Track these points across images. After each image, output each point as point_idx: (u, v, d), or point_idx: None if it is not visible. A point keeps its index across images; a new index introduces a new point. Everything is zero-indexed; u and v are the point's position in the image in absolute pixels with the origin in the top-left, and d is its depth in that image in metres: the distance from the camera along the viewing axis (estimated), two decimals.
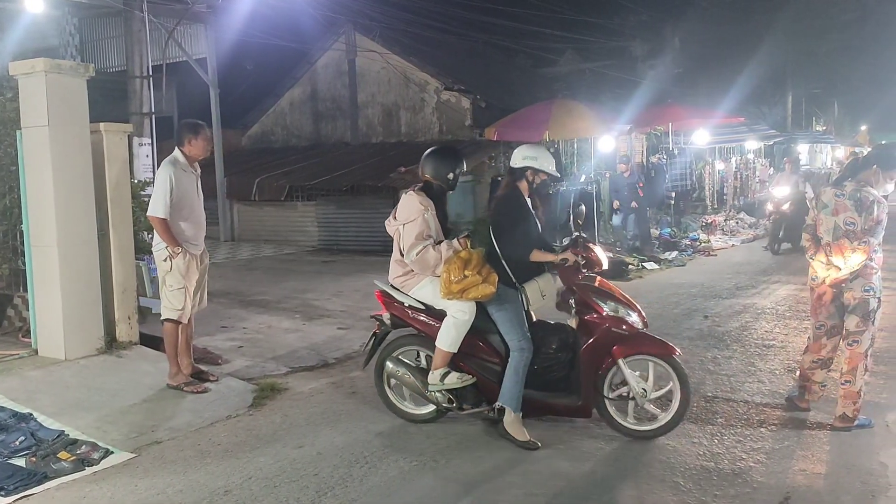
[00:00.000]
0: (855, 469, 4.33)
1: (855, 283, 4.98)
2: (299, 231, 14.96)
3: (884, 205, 4.93)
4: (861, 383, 4.96)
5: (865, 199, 4.96)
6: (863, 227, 4.93)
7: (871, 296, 4.94)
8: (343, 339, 7.59)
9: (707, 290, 10.43)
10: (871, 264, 4.94)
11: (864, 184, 5.03)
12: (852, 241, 4.96)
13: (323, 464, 4.52)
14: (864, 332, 4.97)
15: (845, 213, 5.04)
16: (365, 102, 17.75)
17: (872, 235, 4.90)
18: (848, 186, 5.09)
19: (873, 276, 4.94)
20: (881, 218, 4.91)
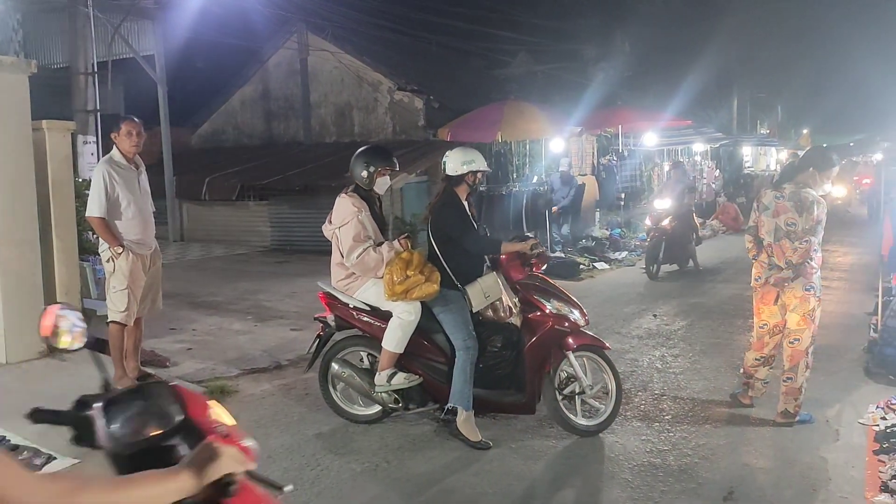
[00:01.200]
0: (796, 463, 4.46)
1: (796, 283, 5.12)
2: (251, 231, 14.78)
3: (823, 205, 5.08)
4: (802, 380, 5.10)
5: (805, 199, 5.10)
6: (803, 227, 5.06)
7: (811, 295, 5.08)
8: (296, 341, 7.52)
9: (656, 290, 10.62)
10: (812, 264, 5.09)
11: (803, 185, 5.17)
12: (793, 242, 5.10)
13: (273, 467, 4.48)
14: (805, 330, 5.11)
15: (785, 214, 5.18)
16: (317, 102, 17.60)
17: (813, 235, 5.05)
18: (787, 188, 5.23)
19: (814, 276, 5.09)
20: (821, 218, 5.05)
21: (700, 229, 12.91)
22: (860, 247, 14.28)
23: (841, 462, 4.44)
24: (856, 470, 4.31)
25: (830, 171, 5.17)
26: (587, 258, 13.07)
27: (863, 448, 4.64)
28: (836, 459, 4.48)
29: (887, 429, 4.73)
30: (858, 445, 4.70)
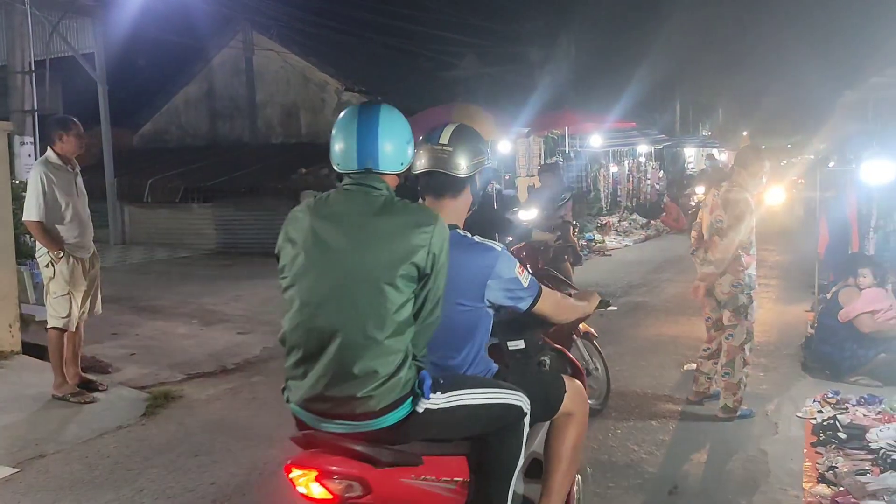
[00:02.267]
0: (737, 457, 4.57)
1: (724, 280, 5.25)
2: (195, 234, 14.53)
3: (746, 203, 5.17)
4: (741, 376, 5.22)
5: (731, 197, 5.25)
6: (728, 225, 5.21)
7: (738, 291, 5.20)
8: (242, 345, 7.43)
9: (602, 289, 10.74)
10: (741, 261, 5.21)
11: (736, 184, 5.32)
12: (721, 238, 5.24)
13: (220, 472, 4.42)
14: (737, 326, 5.24)
15: (716, 210, 5.34)
16: (263, 102, 17.42)
17: (735, 232, 5.18)
18: (723, 187, 5.39)
19: (741, 273, 5.20)
20: (743, 216, 5.15)
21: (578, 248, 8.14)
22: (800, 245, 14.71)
23: (780, 454, 4.56)
24: (794, 462, 4.44)
25: (758, 169, 5.29)
26: None
27: (801, 441, 4.77)
28: (775, 452, 4.59)
29: (824, 422, 4.88)
30: (796, 438, 4.83)
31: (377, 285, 2.26)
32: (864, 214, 6.71)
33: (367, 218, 2.32)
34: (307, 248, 2.33)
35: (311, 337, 2.29)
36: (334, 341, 2.25)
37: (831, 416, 4.94)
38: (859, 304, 5.93)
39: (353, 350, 2.24)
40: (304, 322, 2.30)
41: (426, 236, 2.30)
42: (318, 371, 2.27)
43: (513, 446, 2.53)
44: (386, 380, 2.25)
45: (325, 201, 2.41)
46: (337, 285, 2.27)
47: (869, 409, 5.16)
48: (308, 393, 2.30)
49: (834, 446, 4.52)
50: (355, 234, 2.30)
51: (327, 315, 2.26)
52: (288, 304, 2.35)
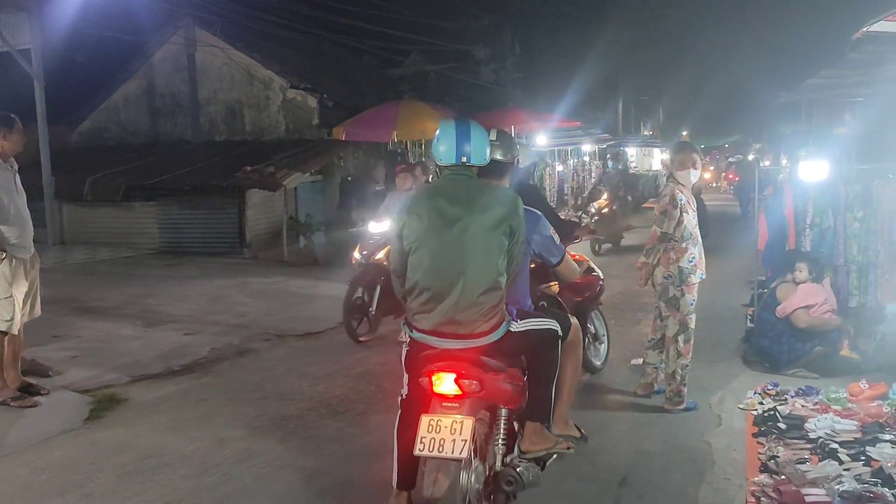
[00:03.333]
0: (683, 448, 4.70)
1: (657, 271, 5.43)
2: (139, 233, 14.20)
3: (672, 196, 5.32)
4: (675, 367, 5.37)
5: (665, 191, 5.46)
6: (656, 217, 5.41)
7: (669, 283, 5.37)
8: (190, 346, 7.33)
9: None
10: (669, 254, 5.36)
11: (674, 179, 5.49)
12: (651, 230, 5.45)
13: (171, 475, 4.36)
14: (669, 317, 5.41)
15: (657, 204, 5.55)
16: (206, 99, 17.11)
17: (657, 224, 5.35)
18: (667, 181, 5.57)
19: (671, 266, 5.36)
20: (665, 209, 5.34)
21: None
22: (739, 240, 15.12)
23: (723, 446, 4.71)
24: (737, 452, 4.59)
25: (685, 161, 5.44)
26: None
27: (743, 432, 4.94)
28: (718, 443, 4.74)
29: (764, 413, 5.05)
30: (739, 429, 4.99)
31: (487, 242, 3.28)
32: (801, 212, 6.94)
33: (473, 195, 3.34)
34: (431, 218, 3.32)
35: (440, 280, 3.27)
36: (459, 283, 3.24)
37: (771, 408, 5.12)
38: (796, 300, 6.15)
39: (473, 288, 3.25)
40: (434, 270, 3.29)
41: (513, 206, 3.34)
42: (448, 304, 3.25)
43: (553, 358, 3.60)
44: (493, 309, 3.30)
45: (437, 186, 3.54)
46: (458, 243, 3.27)
47: (807, 400, 5.37)
48: (439, 320, 3.27)
49: (774, 436, 4.69)
50: (466, 206, 3.31)
51: (453, 264, 3.26)
52: (417, 260, 3.33)
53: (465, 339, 3.29)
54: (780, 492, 3.73)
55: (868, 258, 6.63)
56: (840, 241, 6.74)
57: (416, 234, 3.33)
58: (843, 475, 3.98)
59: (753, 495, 3.89)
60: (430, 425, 3.14)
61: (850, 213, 6.68)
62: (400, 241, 3.41)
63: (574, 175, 20.61)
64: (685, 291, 5.37)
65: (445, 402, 3.23)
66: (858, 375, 5.97)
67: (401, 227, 3.40)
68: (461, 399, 3.22)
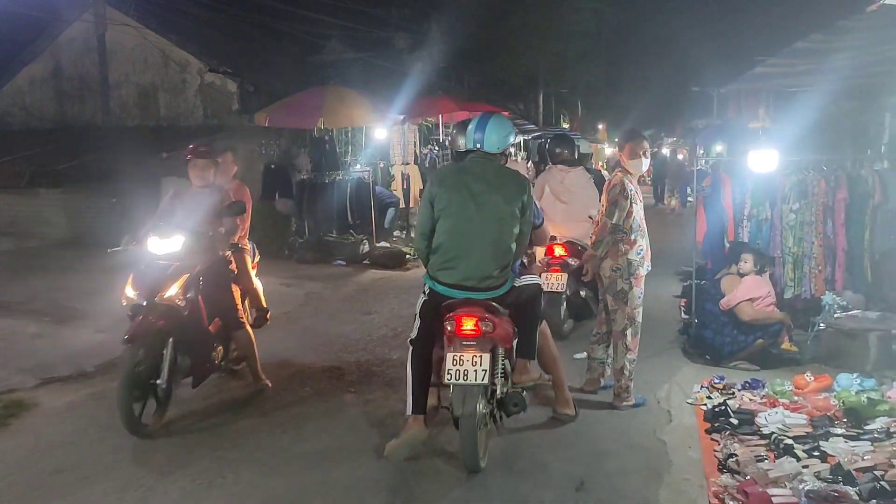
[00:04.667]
0: (638, 448, 4.55)
1: (605, 264, 5.28)
2: (44, 222, 13.29)
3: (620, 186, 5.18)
4: (623, 362, 5.24)
5: (614, 181, 5.29)
6: (604, 208, 5.27)
7: (618, 276, 5.23)
8: (103, 345, 6.78)
9: None
10: (621, 246, 5.21)
11: (619, 168, 5.35)
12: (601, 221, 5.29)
13: (89, 490, 3.95)
14: (617, 311, 5.26)
15: (603, 195, 5.40)
16: (118, 82, 16.17)
17: (607, 215, 5.18)
18: (615, 171, 5.42)
19: (620, 258, 5.21)
20: (615, 199, 5.17)
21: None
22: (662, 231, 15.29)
23: (678, 443, 4.58)
24: (693, 450, 4.47)
25: (635, 149, 5.29)
26: (412, 247, 13.01)
27: (695, 428, 4.83)
28: (673, 441, 4.61)
29: (715, 408, 4.96)
30: (690, 425, 4.89)
31: (503, 214, 4.14)
32: (739, 203, 6.93)
33: (492, 175, 4.18)
34: (459, 192, 4.14)
35: (463, 244, 4.10)
36: (478, 247, 4.09)
37: (721, 403, 5.03)
38: (740, 292, 6.11)
39: (490, 252, 4.11)
40: (459, 235, 4.11)
41: (524, 186, 4.23)
42: (469, 264, 4.10)
43: (538, 307, 4.57)
44: (505, 268, 4.20)
45: (465, 165, 4.29)
46: (479, 214, 4.10)
47: (754, 393, 5.32)
48: (461, 277, 4.11)
49: (728, 432, 4.59)
50: (487, 183, 4.15)
51: (474, 232, 4.09)
52: (444, 225, 4.13)
53: (482, 291, 4.16)
54: (747, 493, 3.60)
55: (803, 250, 6.66)
56: (776, 233, 6.76)
57: (445, 203, 4.17)
58: (803, 472, 3.90)
59: (716, 496, 3.76)
60: (455, 360, 4.01)
61: (786, 205, 6.69)
62: (430, 208, 4.23)
63: None
64: (633, 284, 5.23)
65: (466, 340, 4.04)
66: (797, 367, 6.00)
67: (433, 196, 4.22)
68: (478, 338, 4.03)
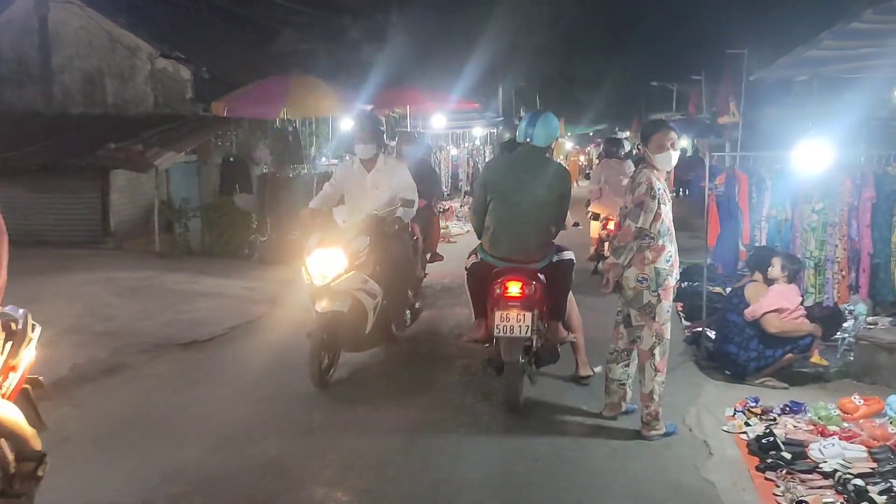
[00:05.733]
0: (685, 492, 3.90)
1: (629, 272, 4.63)
2: None
3: (647, 185, 4.54)
4: (652, 385, 4.60)
5: (636, 179, 4.67)
6: (628, 209, 4.62)
7: (644, 287, 4.58)
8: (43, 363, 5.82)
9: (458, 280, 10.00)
10: (647, 254, 4.58)
11: (645, 164, 4.70)
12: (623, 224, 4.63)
13: None
14: (644, 327, 4.63)
15: (627, 195, 4.75)
16: (61, 67, 15.04)
17: (632, 218, 4.55)
18: (640, 167, 4.77)
19: (647, 267, 4.57)
20: (640, 199, 4.54)
21: None
22: None
23: (727, 484, 3.95)
24: (747, 494, 3.84)
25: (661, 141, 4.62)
26: None
27: (740, 462, 4.21)
28: (721, 481, 3.97)
29: (761, 439, 4.33)
30: (735, 460, 4.26)
31: (544, 200, 4.95)
32: (756, 203, 6.35)
33: (537, 165, 4.97)
34: (507, 178, 4.99)
35: (510, 225, 4.96)
36: (523, 226, 4.94)
37: (767, 432, 4.41)
38: (767, 302, 5.50)
39: (535, 228, 4.97)
40: (506, 218, 4.96)
41: (562, 177, 5.08)
42: (515, 240, 4.97)
43: (570, 278, 5.24)
44: (544, 246, 5.06)
45: (514, 157, 5.09)
46: (523, 200, 4.91)
47: (797, 418, 4.73)
48: (507, 251, 4.98)
49: (783, 470, 3.98)
50: (533, 172, 4.95)
51: (519, 215, 4.92)
52: (494, 208, 4.98)
53: (526, 263, 4.99)
54: None
55: (825, 253, 6.10)
56: (797, 235, 6.19)
57: (496, 189, 5.02)
58: None
59: None
60: (502, 317, 4.76)
61: (807, 205, 6.12)
62: (484, 192, 5.11)
63: (469, 160, 19.74)
64: (662, 297, 4.59)
65: (512, 302, 4.78)
66: (827, 385, 5.45)
67: (486, 182, 5.14)
68: (522, 300, 4.79)
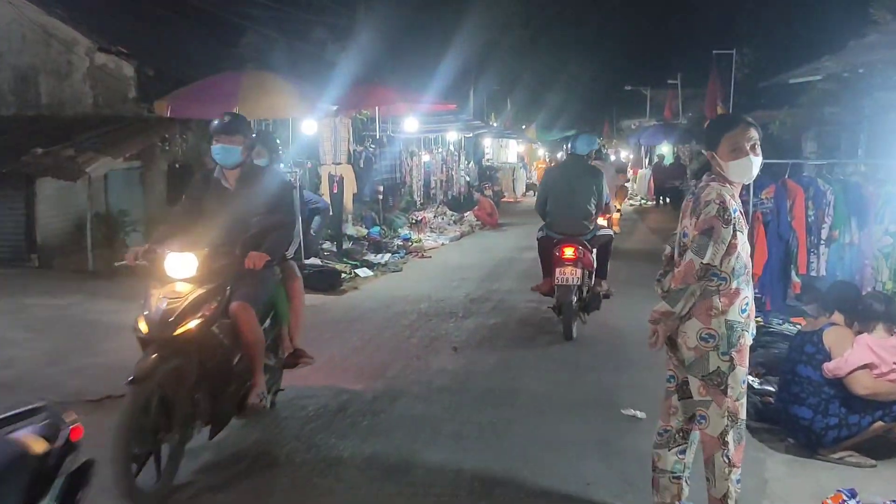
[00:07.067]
0: None
1: (688, 326, 3.35)
2: None
3: (719, 205, 3.25)
4: (726, 486, 3.33)
5: (701, 195, 3.37)
6: (691, 239, 3.34)
7: (710, 348, 3.30)
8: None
9: (438, 306, 8.69)
10: (713, 300, 3.31)
11: (712, 175, 3.43)
12: (682, 258, 3.35)
13: None
14: (710, 403, 3.34)
15: (686, 217, 3.45)
16: None
17: (695, 251, 3.26)
18: (703, 180, 3.47)
19: (715, 319, 3.30)
20: (709, 225, 3.24)
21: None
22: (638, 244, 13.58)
23: None
24: None
25: (738, 142, 3.32)
26: (347, 264, 10.88)
27: None
28: None
29: None
30: None
31: (589, 192, 7.18)
32: (813, 223, 5.12)
33: (581, 168, 7.34)
34: (558, 180, 7.39)
35: (563, 211, 7.16)
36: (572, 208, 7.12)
37: None
38: (857, 355, 4.22)
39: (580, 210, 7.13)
40: (560, 207, 7.18)
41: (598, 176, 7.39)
42: (568, 219, 7.13)
43: (610, 247, 7.63)
44: (588, 223, 7.20)
45: (565, 162, 8.07)
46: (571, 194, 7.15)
47: None
48: (562, 228, 7.11)
49: None
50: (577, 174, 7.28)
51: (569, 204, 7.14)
52: (552, 200, 7.26)
53: (576, 236, 7.08)
54: None
55: None
56: (866, 263, 4.97)
57: (553, 186, 7.37)
58: None
59: None
60: (561, 272, 6.83)
61: (879, 225, 4.90)
62: (545, 189, 7.49)
63: (443, 167, 18.36)
64: (736, 361, 3.31)
65: (567, 261, 6.86)
66: None
67: (546, 182, 7.66)
68: (574, 260, 6.86)
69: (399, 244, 13.01)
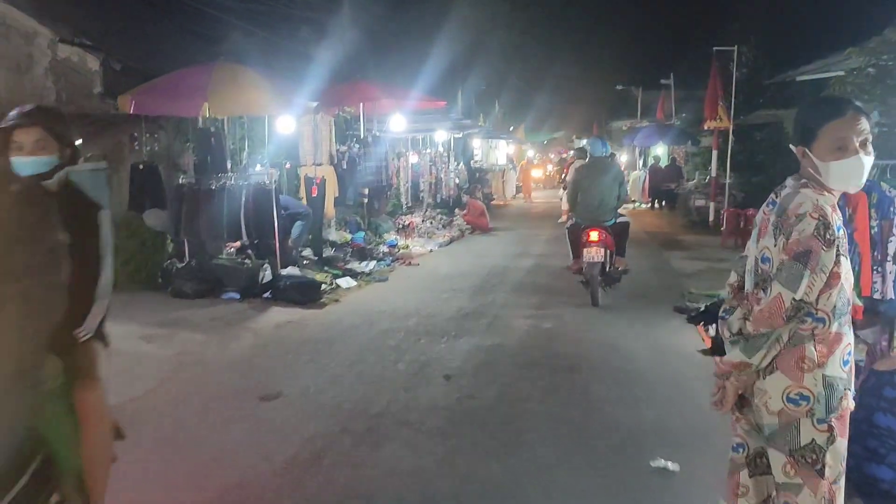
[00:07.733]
0: None
1: (770, 383, 2.52)
2: None
3: (818, 226, 2.41)
4: None
5: (789, 207, 2.51)
6: (778, 266, 2.49)
7: (803, 413, 2.49)
8: None
9: (428, 322, 7.84)
10: (809, 348, 2.47)
11: (803, 179, 2.57)
12: (765, 292, 2.50)
13: None
14: (802, 487, 2.51)
15: (765, 237, 2.59)
16: None
17: (784, 282, 2.43)
18: (789, 186, 2.61)
19: (810, 375, 2.48)
20: (806, 247, 2.40)
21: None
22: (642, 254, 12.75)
23: None
24: None
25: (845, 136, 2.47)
26: (328, 273, 10.00)
27: None
28: None
29: None
30: None
31: (612, 188, 8.71)
32: (877, 235, 4.30)
33: (604, 167, 8.86)
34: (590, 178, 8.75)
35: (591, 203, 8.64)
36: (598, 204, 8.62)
37: None
38: None
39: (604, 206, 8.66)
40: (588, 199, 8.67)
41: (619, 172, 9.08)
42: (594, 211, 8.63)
43: (627, 232, 9.26)
44: (612, 212, 8.77)
45: (591, 162, 9.06)
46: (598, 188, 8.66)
47: None
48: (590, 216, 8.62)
49: None
50: (603, 172, 8.74)
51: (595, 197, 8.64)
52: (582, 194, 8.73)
53: (600, 222, 8.52)
54: None
55: None
56: None
57: (582, 183, 8.70)
58: None
59: None
60: (587, 252, 8.34)
61: None
62: (576, 185, 8.84)
63: (432, 169, 17.46)
64: (836, 431, 2.49)
65: (592, 243, 8.36)
66: None
67: (576, 179, 8.97)
68: (598, 242, 8.36)
69: (385, 251, 12.14)
